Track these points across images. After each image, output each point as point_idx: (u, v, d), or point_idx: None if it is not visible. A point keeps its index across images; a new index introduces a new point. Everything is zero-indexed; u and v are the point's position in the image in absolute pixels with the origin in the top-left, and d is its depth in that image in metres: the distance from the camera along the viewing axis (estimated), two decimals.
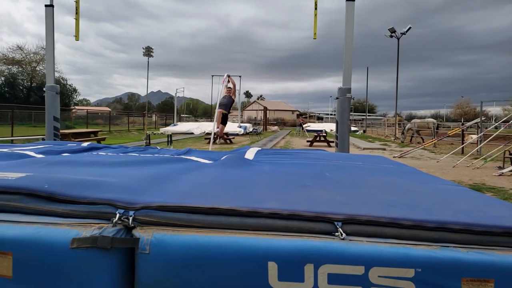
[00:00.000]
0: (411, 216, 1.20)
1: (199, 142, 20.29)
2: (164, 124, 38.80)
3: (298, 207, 1.26)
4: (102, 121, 37.85)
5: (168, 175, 1.83)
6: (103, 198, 1.32)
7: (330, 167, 2.26)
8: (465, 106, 65.23)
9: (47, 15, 5.96)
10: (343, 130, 5.46)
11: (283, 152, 3.39)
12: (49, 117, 5.88)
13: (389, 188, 1.63)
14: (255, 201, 1.33)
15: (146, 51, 25.99)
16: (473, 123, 14.86)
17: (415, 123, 23.33)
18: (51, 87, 5.99)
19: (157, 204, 1.28)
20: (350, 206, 1.30)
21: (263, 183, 1.64)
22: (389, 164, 2.68)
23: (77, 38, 6.26)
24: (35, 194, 1.33)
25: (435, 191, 1.62)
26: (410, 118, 54.97)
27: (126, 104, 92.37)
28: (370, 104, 68.58)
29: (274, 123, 57.38)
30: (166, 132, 15.92)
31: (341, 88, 5.52)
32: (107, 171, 1.87)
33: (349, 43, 5.49)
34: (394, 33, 29.18)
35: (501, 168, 8.96)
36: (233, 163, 2.24)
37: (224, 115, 8.26)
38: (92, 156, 2.57)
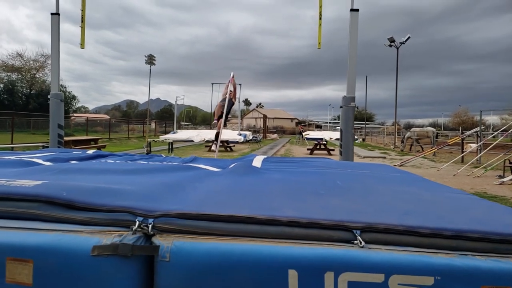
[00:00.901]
0: (428, 225, 1.21)
1: (199, 150, 20.29)
2: (163, 132, 38.80)
3: (316, 215, 1.27)
4: (102, 128, 37.85)
5: (181, 183, 1.85)
6: (122, 205, 1.33)
7: (339, 175, 2.28)
8: (463, 115, 65.56)
9: (52, 23, 6.01)
10: (347, 138, 5.49)
11: (289, 160, 3.41)
12: (54, 124, 5.90)
13: (401, 196, 1.65)
14: (272, 209, 1.34)
15: (149, 59, 26.15)
16: (473, 132, 14.92)
17: (415, 131, 23.41)
18: (56, 94, 6.01)
19: (176, 212, 1.29)
20: (367, 214, 1.31)
21: (277, 191, 1.65)
22: (396, 172, 2.69)
23: (82, 46, 6.30)
24: (54, 202, 1.35)
25: (446, 199, 1.63)
26: (408, 127, 55.14)
27: (125, 112, 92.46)
28: (368, 112, 68.86)
29: (274, 131, 57.47)
30: (168, 140, 15.92)
31: (345, 97, 5.57)
32: (120, 179, 1.88)
33: (353, 52, 5.55)
34: (394, 42, 29.47)
35: (501, 177, 8.99)
36: (243, 171, 2.25)
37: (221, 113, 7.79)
38: (102, 163, 2.59)
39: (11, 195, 1.37)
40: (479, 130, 13.96)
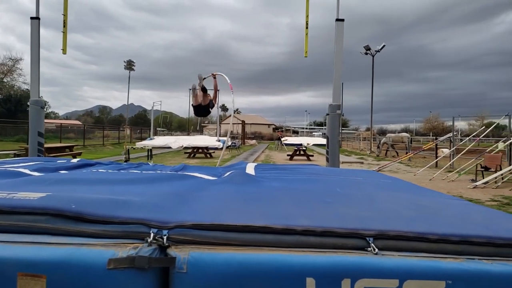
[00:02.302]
0: (436, 231, 1.27)
1: (178, 157, 20.04)
2: (139, 138, 38.06)
3: (329, 223, 1.30)
4: (74, 135, 36.72)
5: (185, 193, 1.84)
6: (134, 217, 1.32)
7: (335, 182, 2.32)
8: (434, 121, 67.76)
9: (32, 28, 5.83)
10: (333, 145, 5.60)
11: (280, 167, 3.44)
12: (33, 132, 5.69)
13: (403, 203, 1.70)
14: (286, 218, 1.36)
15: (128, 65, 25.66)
16: (446, 138, 15.47)
17: (390, 137, 24.05)
18: (36, 101, 5.82)
19: (191, 222, 1.29)
20: (377, 221, 1.35)
21: (283, 200, 1.68)
22: (386, 178, 2.77)
23: (64, 51, 6.14)
24: (63, 215, 1.32)
25: (445, 206, 1.70)
26: (382, 132, 56.52)
27: (97, 117, 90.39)
28: (343, 118, 70.14)
29: (252, 136, 57.50)
30: (147, 147, 15.66)
31: (331, 104, 5.68)
32: (122, 189, 1.86)
33: (338, 61, 5.67)
34: (369, 50, 30.26)
35: (474, 181, 9.36)
36: (242, 180, 2.27)
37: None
38: (96, 173, 2.53)
39: (16, 209, 1.34)
40: (452, 136, 14.48)
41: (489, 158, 10.19)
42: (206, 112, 6.84)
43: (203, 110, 6.68)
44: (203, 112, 6.80)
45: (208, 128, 66.86)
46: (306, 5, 5.98)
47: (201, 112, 6.76)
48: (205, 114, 7.01)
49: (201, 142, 27.48)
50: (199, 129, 57.05)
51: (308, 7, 5.97)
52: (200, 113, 6.86)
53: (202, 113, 6.82)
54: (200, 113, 6.82)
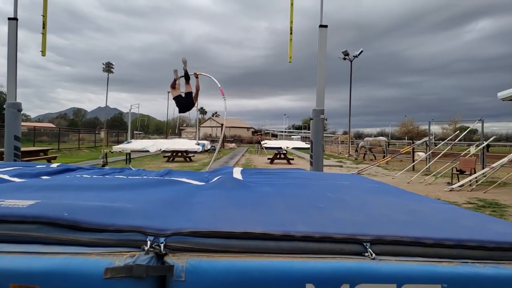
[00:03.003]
0: (431, 235, 1.30)
1: (157, 161, 19.79)
2: (116, 142, 37.26)
3: (327, 229, 1.31)
4: (48, 138, 35.61)
5: (176, 199, 1.82)
6: (130, 225, 1.29)
7: (325, 187, 2.35)
8: (409, 125, 69.61)
9: (10, 28, 5.61)
10: (317, 149, 5.66)
11: (266, 172, 3.45)
12: (9, 135, 5.47)
13: (394, 207, 1.74)
14: (283, 225, 1.36)
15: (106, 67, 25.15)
16: (422, 142, 15.91)
17: (368, 141, 24.56)
18: (13, 104, 5.60)
19: (189, 230, 1.28)
20: (372, 226, 1.37)
21: (278, 205, 1.68)
22: (372, 183, 2.82)
23: (43, 53, 5.95)
24: (56, 223, 1.28)
25: (435, 210, 1.75)
26: (358, 136, 57.53)
27: (71, 120, 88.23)
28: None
29: (232, 140, 57.34)
30: (125, 150, 15.38)
31: (315, 109, 5.75)
32: (112, 196, 1.82)
33: (322, 66, 5.75)
34: (347, 55, 30.84)
35: (450, 184, 9.67)
36: (232, 186, 2.26)
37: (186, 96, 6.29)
38: (81, 179, 2.47)
39: (5, 217, 1.29)
40: (428, 140, 14.91)
41: (464, 161, 10.55)
42: (190, 104, 6.30)
43: (186, 101, 6.20)
44: (185, 104, 6.26)
45: (186, 132, 66.22)
46: (291, 11, 6.05)
47: (184, 103, 6.23)
48: (189, 107, 6.41)
49: (180, 145, 27.08)
50: (178, 133, 56.48)
51: (292, 13, 6.04)
52: (183, 105, 6.30)
53: (185, 104, 6.27)
54: (183, 105, 6.27)
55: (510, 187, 9.41)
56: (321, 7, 5.87)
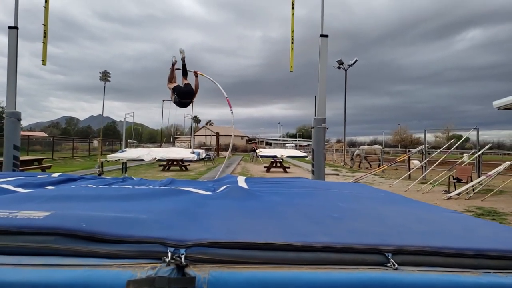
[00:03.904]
0: (452, 245, 1.30)
1: (152, 170, 19.66)
2: (110, 150, 36.98)
3: (346, 239, 1.30)
4: (41, 147, 35.27)
5: (188, 209, 1.81)
6: (150, 236, 1.28)
7: (334, 196, 2.35)
8: (403, 133, 70.06)
9: (10, 37, 5.60)
10: (319, 158, 5.67)
11: (270, 181, 3.44)
12: (9, 145, 5.41)
13: (409, 217, 1.74)
14: (303, 235, 1.35)
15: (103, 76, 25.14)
16: (418, 150, 16.01)
17: (363, 149, 24.66)
18: (12, 113, 5.56)
19: (209, 240, 1.27)
20: (392, 236, 1.37)
21: (292, 215, 1.67)
22: (378, 192, 2.83)
23: (44, 62, 5.93)
24: (75, 235, 1.26)
25: (448, 219, 1.75)
26: (351, 144, 57.71)
27: (64, 129, 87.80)
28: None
29: (226, 148, 57.20)
30: (121, 160, 15.27)
31: (316, 118, 5.77)
32: (124, 206, 1.80)
33: (322, 75, 5.79)
34: (342, 65, 31.10)
35: (447, 192, 9.71)
36: (241, 195, 2.25)
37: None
38: (88, 189, 2.45)
39: (23, 229, 1.27)
40: (424, 148, 15.00)
41: (460, 170, 10.61)
42: (190, 92, 5.94)
43: (185, 89, 5.88)
44: (185, 91, 5.89)
45: (180, 140, 65.92)
46: (292, 21, 6.11)
47: (184, 91, 5.87)
48: (189, 96, 6.01)
49: (175, 154, 27.00)
50: (172, 141, 56.24)
51: (293, 22, 6.10)
52: (183, 93, 5.89)
53: (185, 92, 5.89)
54: (183, 93, 5.87)
55: (506, 195, 9.49)
56: (321, 17, 5.94)
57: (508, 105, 8.72)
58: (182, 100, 6.01)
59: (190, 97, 6.06)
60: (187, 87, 5.98)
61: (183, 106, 6.27)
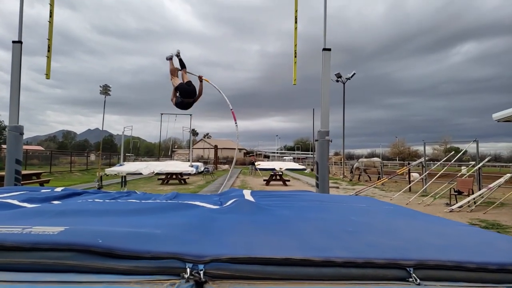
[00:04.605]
0: (473, 259, 1.28)
1: (151, 183, 19.57)
2: (108, 164, 36.82)
3: (365, 254, 1.29)
4: (38, 161, 35.13)
5: (200, 223, 1.79)
6: (168, 252, 1.26)
7: (345, 210, 2.33)
8: (401, 146, 70.24)
9: (14, 51, 5.64)
10: (323, 171, 5.65)
11: (276, 194, 3.41)
12: (11, 159, 5.38)
13: (425, 231, 1.72)
14: (321, 250, 1.34)
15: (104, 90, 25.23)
16: (418, 163, 16.03)
17: (362, 162, 24.69)
18: (15, 127, 5.54)
19: (227, 256, 1.25)
20: (411, 251, 1.35)
21: (307, 230, 1.65)
22: (387, 205, 2.81)
23: (48, 76, 5.96)
24: (91, 251, 1.24)
25: (464, 232, 1.74)
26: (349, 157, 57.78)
27: (61, 143, 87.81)
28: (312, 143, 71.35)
29: (224, 161, 57.08)
30: (120, 173, 15.22)
31: (320, 131, 5.78)
32: (135, 221, 1.78)
33: (325, 88, 5.83)
34: (340, 78, 31.37)
35: (448, 205, 9.69)
36: (251, 209, 2.23)
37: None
38: (95, 204, 2.43)
39: (38, 245, 1.24)
40: (424, 161, 15.03)
41: (461, 182, 10.61)
42: (193, 91, 5.89)
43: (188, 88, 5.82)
44: (189, 91, 5.83)
45: (178, 153, 65.79)
46: (295, 35, 6.18)
47: (187, 90, 5.82)
48: (192, 95, 5.93)
49: (173, 167, 26.94)
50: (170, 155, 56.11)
51: (296, 36, 6.17)
52: (187, 92, 5.84)
53: (188, 92, 5.84)
54: (186, 92, 5.82)
55: (508, 208, 9.46)
56: (324, 31, 6.02)
57: (508, 118, 8.78)
58: (185, 99, 5.94)
59: (192, 96, 5.98)
60: (190, 86, 5.95)
61: (184, 107, 6.16)
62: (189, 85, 5.94)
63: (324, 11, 6.21)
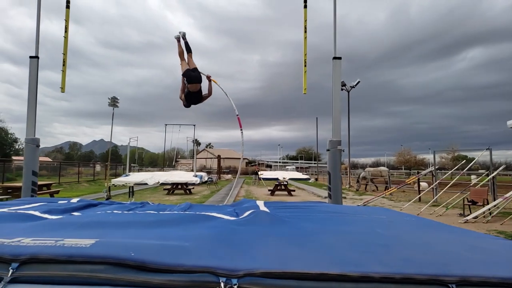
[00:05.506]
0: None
1: (157, 193, 19.56)
2: (113, 175, 36.95)
3: (403, 269, 1.26)
4: (47, 172, 35.34)
5: (224, 235, 1.77)
6: (201, 265, 1.25)
7: (368, 222, 2.30)
8: (406, 155, 69.77)
9: (31, 66, 5.75)
10: (335, 182, 5.59)
11: (290, 205, 3.39)
12: (28, 171, 5.45)
13: (459, 245, 1.67)
14: (355, 265, 1.31)
15: (112, 101, 25.62)
16: (428, 172, 15.87)
17: (369, 171, 24.49)
18: (32, 139, 5.61)
19: (261, 270, 1.23)
20: (452, 266, 1.31)
21: (335, 243, 1.63)
22: (409, 217, 2.77)
23: (63, 90, 6.05)
24: (124, 264, 1.23)
25: (498, 246, 1.69)
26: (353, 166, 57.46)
27: (67, 154, 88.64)
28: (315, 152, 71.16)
29: (227, 171, 57.02)
30: (128, 184, 15.25)
31: (332, 140, 5.75)
32: (159, 233, 1.78)
33: (336, 96, 5.82)
34: (344, 86, 31.33)
35: (462, 215, 9.52)
36: (270, 221, 2.20)
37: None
38: (115, 215, 2.42)
39: (73, 258, 1.24)
40: (434, 170, 14.86)
41: (474, 192, 10.41)
42: (198, 77, 6.13)
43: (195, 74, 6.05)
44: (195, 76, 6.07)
45: (181, 163, 65.85)
46: (304, 44, 6.21)
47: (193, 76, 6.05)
48: (198, 80, 6.17)
49: (178, 177, 27.04)
50: (174, 165, 56.24)
51: (306, 46, 6.19)
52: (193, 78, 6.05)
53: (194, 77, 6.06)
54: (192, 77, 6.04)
55: None
56: (334, 39, 6.04)
57: None
58: (191, 88, 6.07)
59: (196, 82, 6.15)
60: (195, 71, 6.12)
61: (192, 100, 6.29)
62: (194, 71, 6.13)
63: (334, 21, 6.25)
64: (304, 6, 6.38)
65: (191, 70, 6.15)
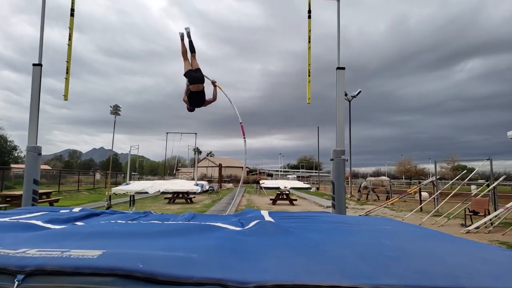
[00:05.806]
0: None
1: (158, 202, 19.43)
2: (114, 183, 36.78)
3: (416, 281, 1.24)
4: (46, 180, 35.20)
5: (232, 246, 1.75)
6: (210, 277, 1.23)
7: (373, 232, 2.28)
8: (407, 164, 69.58)
9: (34, 74, 5.76)
10: (339, 191, 5.57)
11: (294, 215, 3.37)
12: (29, 179, 5.41)
13: (467, 256, 1.66)
14: (366, 277, 1.29)
15: (114, 109, 25.65)
16: (429, 182, 15.80)
17: (370, 181, 24.40)
18: (33, 147, 5.59)
19: (272, 283, 1.22)
20: (462, 278, 1.30)
21: (343, 254, 1.61)
22: (413, 227, 2.75)
23: (66, 98, 6.03)
24: (132, 276, 1.21)
25: (504, 258, 1.67)
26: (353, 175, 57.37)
27: (67, 162, 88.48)
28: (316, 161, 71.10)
29: (228, 180, 56.80)
30: (129, 192, 15.18)
31: (336, 150, 5.74)
32: (165, 244, 1.75)
33: (340, 106, 5.84)
34: (346, 95, 31.40)
35: (463, 226, 9.45)
36: (276, 231, 2.18)
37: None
38: (120, 225, 2.40)
39: (80, 269, 1.22)
40: (435, 180, 14.80)
41: (475, 202, 10.37)
42: (201, 77, 6.00)
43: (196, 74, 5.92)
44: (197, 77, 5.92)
45: (182, 172, 65.68)
46: (308, 54, 6.24)
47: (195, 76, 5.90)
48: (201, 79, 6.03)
49: (179, 186, 26.86)
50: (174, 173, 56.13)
51: (310, 56, 6.22)
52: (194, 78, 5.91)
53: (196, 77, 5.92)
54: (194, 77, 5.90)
55: None
56: (338, 50, 6.07)
57: None
58: (193, 89, 5.95)
59: (200, 82, 6.02)
60: (197, 72, 6.00)
61: (196, 103, 6.17)
62: (196, 71, 6.00)
63: (338, 31, 6.29)
64: (308, 17, 6.44)
65: (193, 70, 6.02)
